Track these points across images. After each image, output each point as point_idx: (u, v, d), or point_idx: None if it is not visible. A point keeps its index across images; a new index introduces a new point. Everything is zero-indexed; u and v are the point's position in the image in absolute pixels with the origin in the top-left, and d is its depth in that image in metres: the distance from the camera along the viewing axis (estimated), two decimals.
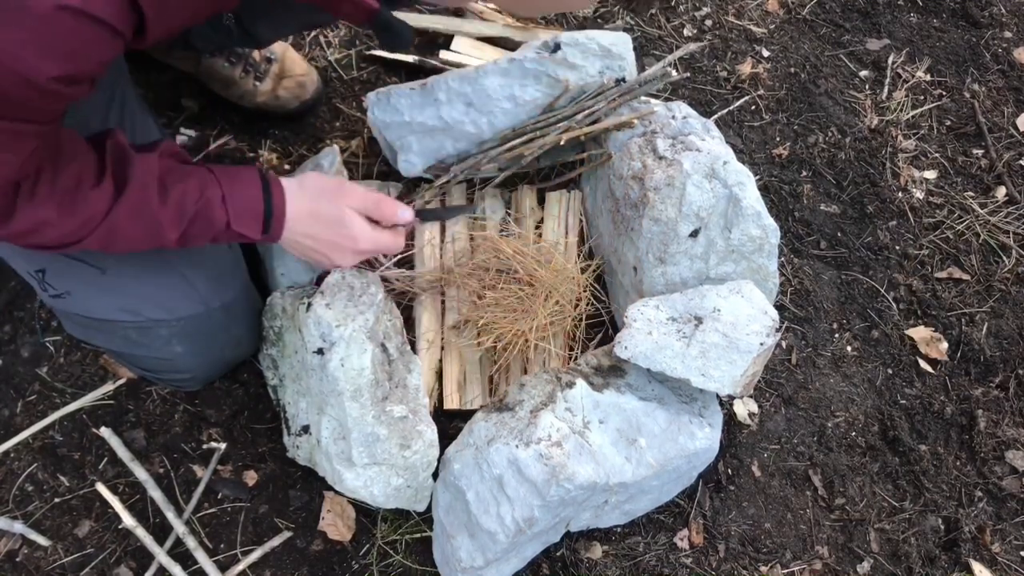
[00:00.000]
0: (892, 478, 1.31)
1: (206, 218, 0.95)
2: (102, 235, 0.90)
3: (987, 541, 1.26)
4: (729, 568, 1.21)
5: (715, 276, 1.20)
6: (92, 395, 1.25)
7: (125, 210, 0.90)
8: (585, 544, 1.19)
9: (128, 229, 0.91)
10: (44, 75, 0.68)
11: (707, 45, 1.76)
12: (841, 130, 1.67)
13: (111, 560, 1.15)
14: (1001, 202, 1.63)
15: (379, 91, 1.39)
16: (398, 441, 1.06)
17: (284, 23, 1.15)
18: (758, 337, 1.08)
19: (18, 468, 1.21)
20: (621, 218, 1.29)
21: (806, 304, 1.46)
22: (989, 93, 1.79)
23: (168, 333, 1.10)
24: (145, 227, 0.92)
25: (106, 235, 0.90)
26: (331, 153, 1.34)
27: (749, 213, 1.16)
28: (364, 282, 1.09)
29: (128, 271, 1.06)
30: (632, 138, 1.31)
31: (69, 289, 1.06)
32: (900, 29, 1.87)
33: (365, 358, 1.03)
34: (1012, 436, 1.36)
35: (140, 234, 0.93)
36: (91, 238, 0.90)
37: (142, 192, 0.90)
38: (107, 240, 0.91)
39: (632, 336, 1.09)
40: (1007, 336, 1.47)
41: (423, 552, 1.18)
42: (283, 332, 1.18)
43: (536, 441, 1.02)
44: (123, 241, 0.93)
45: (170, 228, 0.93)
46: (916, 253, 1.55)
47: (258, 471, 1.23)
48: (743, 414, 1.32)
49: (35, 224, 0.85)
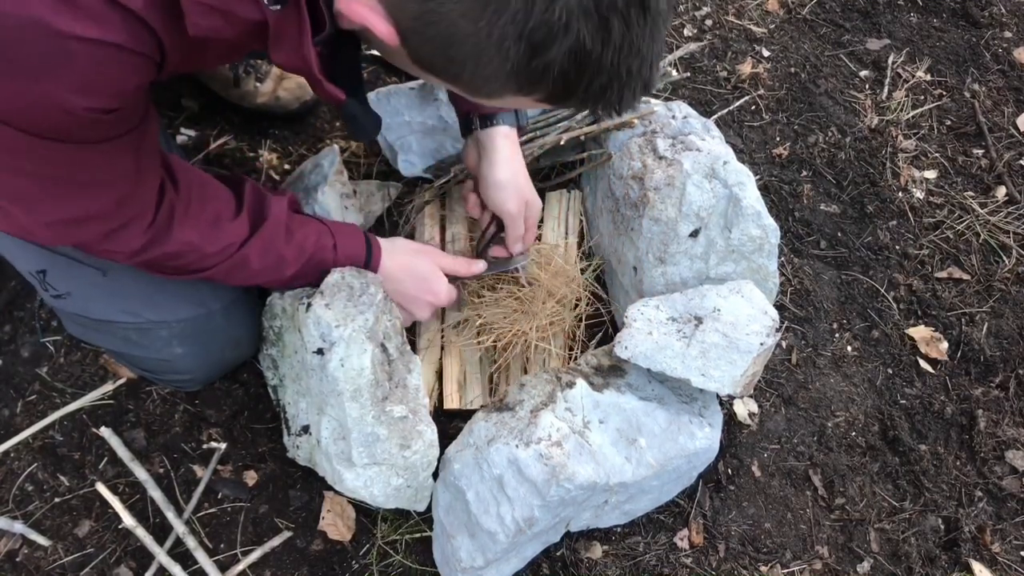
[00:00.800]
0: (892, 478, 1.31)
1: (319, 260, 1.06)
2: (231, 265, 0.99)
3: (987, 541, 1.26)
4: (729, 568, 1.21)
5: (715, 276, 1.20)
6: (92, 395, 1.25)
7: (258, 244, 1.00)
8: (585, 544, 1.19)
9: (255, 262, 1.01)
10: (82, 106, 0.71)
11: (707, 45, 1.76)
12: (841, 130, 1.67)
13: (111, 560, 1.15)
14: (1001, 202, 1.63)
15: (379, 91, 1.40)
16: (398, 441, 1.06)
17: None
18: (758, 337, 1.08)
19: (18, 468, 1.21)
20: (621, 218, 1.29)
21: (806, 304, 1.46)
22: (989, 93, 1.79)
23: (168, 334, 1.10)
24: (270, 262, 1.02)
25: (234, 266, 1.00)
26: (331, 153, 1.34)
27: (749, 213, 1.16)
28: (364, 282, 1.09)
29: (129, 273, 1.06)
30: (632, 138, 1.31)
31: (70, 290, 1.06)
32: (900, 29, 1.87)
33: (365, 358, 1.03)
34: (1012, 436, 1.36)
35: (263, 268, 1.02)
36: (220, 267, 0.99)
37: (274, 229, 1.02)
38: (232, 270, 1.00)
39: (632, 336, 1.09)
40: (1007, 336, 1.47)
41: (423, 552, 1.18)
42: (283, 332, 1.18)
43: (536, 441, 1.02)
44: (244, 273, 1.02)
45: (290, 265, 1.04)
46: (916, 253, 1.55)
47: (258, 471, 1.23)
48: (743, 414, 1.32)
49: (183, 246, 0.94)
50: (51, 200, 0.82)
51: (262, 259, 1.02)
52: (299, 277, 1.07)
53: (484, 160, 1.19)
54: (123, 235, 0.90)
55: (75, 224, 0.86)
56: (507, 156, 1.18)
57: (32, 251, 1.04)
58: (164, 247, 0.93)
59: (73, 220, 0.85)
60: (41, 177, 0.79)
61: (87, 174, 0.81)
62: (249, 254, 1.00)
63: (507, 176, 1.18)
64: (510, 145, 1.19)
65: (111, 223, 0.88)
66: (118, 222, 0.88)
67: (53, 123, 0.72)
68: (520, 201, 1.20)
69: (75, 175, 0.80)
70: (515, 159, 1.20)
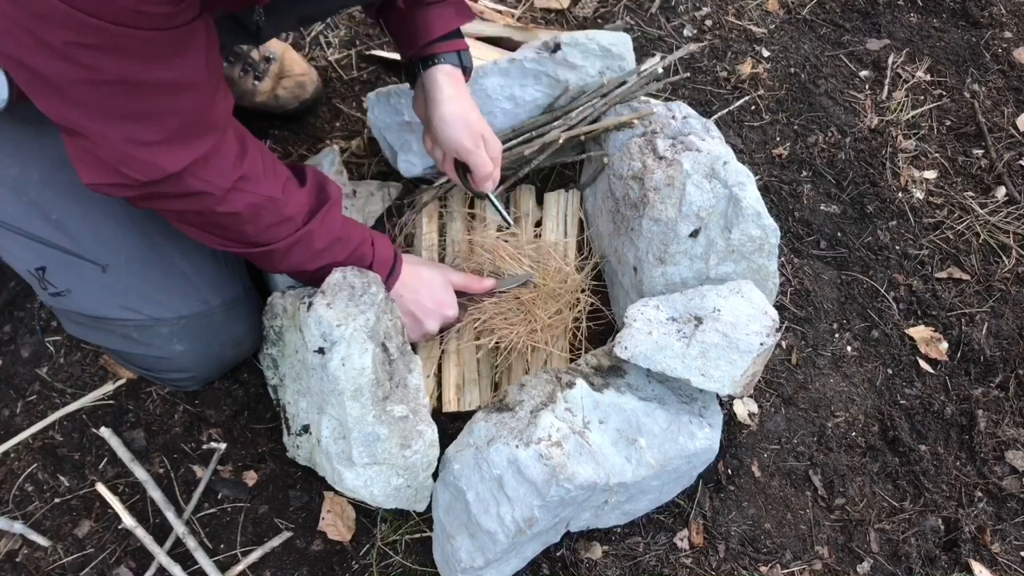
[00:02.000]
0: (892, 478, 1.31)
1: (361, 255, 1.10)
2: (293, 241, 1.01)
3: (987, 541, 1.26)
4: (729, 568, 1.21)
5: (715, 276, 1.20)
6: (92, 395, 1.25)
7: (324, 221, 1.03)
8: (585, 544, 1.19)
9: (319, 240, 1.03)
10: None
11: (707, 45, 1.76)
12: (841, 130, 1.67)
13: (111, 560, 1.15)
14: (1001, 202, 1.63)
15: (379, 91, 1.40)
16: (398, 441, 1.06)
17: (287, 19, 1.16)
18: (758, 337, 1.08)
19: (18, 468, 1.21)
20: (621, 218, 1.29)
21: (806, 304, 1.46)
22: (989, 93, 1.79)
23: (169, 332, 1.10)
24: (329, 242, 1.05)
25: (297, 242, 1.02)
26: (331, 153, 1.34)
27: (749, 213, 1.16)
28: (365, 282, 1.09)
29: (129, 269, 1.06)
30: (632, 138, 1.31)
31: (69, 287, 1.06)
32: (900, 29, 1.87)
33: (366, 358, 1.03)
34: (1012, 436, 1.36)
35: (324, 247, 1.05)
36: (285, 241, 1.01)
37: (337, 208, 1.06)
38: (294, 246, 1.02)
39: (632, 336, 1.09)
40: (1007, 336, 1.47)
41: (423, 552, 1.18)
42: (283, 331, 1.18)
43: (536, 441, 1.02)
44: (306, 252, 1.04)
45: (341, 250, 1.07)
46: (916, 253, 1.55)
47: (258, 471, 1.23)
48: (743, 414, 1.32)
49: (267, 199, 0.96)
50: (141, 118, 0.81)
51: (324, 237, 1.04)
52: (345, 263, 1.09)
53: (429, 101, 1.18)
54: (213, 166, 0.89)
55: (169, 142, 0.84)
56: (451, 93, 1.16)
57: (31, 248, 1.04)
58: (249, 196, 0.94)
59: (168, 135, 0.83)
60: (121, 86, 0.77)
61: (167, 70, 0.79)
62: (313, 229, 1.02)
63: (454, 110, 1.16)
64: (453, 83, 1.17)
65: (202, 139, 0.87)
66: (209, 140, 0.87)
67: None
68: (473, 135, 1.17)
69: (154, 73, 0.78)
70: (461, 96, 1.17)
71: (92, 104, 0.79)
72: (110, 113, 0.80)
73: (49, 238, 1.04)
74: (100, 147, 0.83)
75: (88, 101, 0.78)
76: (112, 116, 0.80)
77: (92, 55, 0.73)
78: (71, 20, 0.69)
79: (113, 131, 0.81)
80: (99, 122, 0.81)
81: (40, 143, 1.02)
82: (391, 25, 1.22)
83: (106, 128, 0.81)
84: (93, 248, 1.05)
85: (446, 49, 1.17)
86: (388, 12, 1.21)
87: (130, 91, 0.78)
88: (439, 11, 1.17)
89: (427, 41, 1.16)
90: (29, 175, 1.02)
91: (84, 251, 1.04)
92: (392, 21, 1.22)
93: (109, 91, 0.77)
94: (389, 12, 1.21)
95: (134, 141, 0.82)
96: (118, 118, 0.81)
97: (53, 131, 1.02)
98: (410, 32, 1.18)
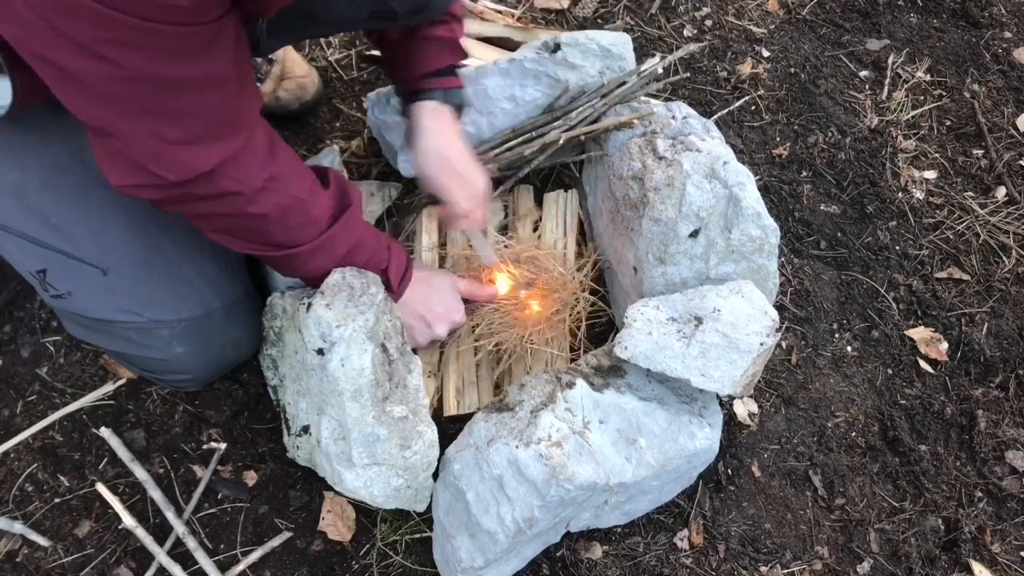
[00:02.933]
0: (892, 478, 1.31)
1: (378, 259, 1.09)
2: (315, 247, 1.01)
3: (987, 541, 1.26)
4: (729, 568, 1.21)
5: (715, 276, 1.20)
6: (92, 395, 1.25)
7: (346, 224, 1.03)
8: (585, 544, 1.19)
9: (339, 244, 1.04)
10: None
11: (707, 45, 1.76)
12: (841, 130, 1.67)
13: (111, 560, 1.15)
14: (1001, 202, 1.63)
15: (379, 91, 1.40)
16: (398, 441, 1.05)
17: (288, 36, 1.17)
18: (758, 337, 1.08)
19: (18, 468, 1.21)
20: (621, 218, 1.29)
21: (806, 304, 1.46)
22: (989, 93, 1.79)
23: (169, 334, 1.10)
24: (351, 246, 1.05)
25: (319, 247, 1.02)
26: (331, 153, 1.34)
27: (749, 213, 1.16)
28: (364, 282, 1.09)
29: (129, 272, 1.06)
30: (632, 138, 1.31)
31: (70, 289, 1.06)
32: (900, 29, 1.87)
33: (365, 358, 1.03)
34: (1012, 436, 1.36)
35: (346, 252, 1.05)
36: (308, 246, 1.01)
37: (358, 212, 1.06)
38: (316, 251, 1.02)
39: (632, 336, 1.09)
40: (1007, 336, 1.47)
41: (423, 552, 1.18)
42: (283, 332, 1.18)
43: (536, 441, 1.02)
44: (327, 257, 1.04)
45: (361, 254, 1.07)
46: (916, 253, 1.55)
47: (258, 471, 1.23)
48: (743, 414, 1.32)
49: (295, 200, 0.96)
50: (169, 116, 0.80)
51: (346, 242, 1.04)
52: (363, 265, 1.09)
53: (411, 134, 1.19)
54: (243, 165, 0.89)
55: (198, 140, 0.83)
56: (431, 127, 1.17)
57: (32, 251, 1.04)
58: (278, 196, 0.93)
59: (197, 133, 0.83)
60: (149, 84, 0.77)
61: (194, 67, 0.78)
62: (336, 233, 1.02)
63: (430, 145, 1.16)
64: (436, 118, 1.18)
65: (232, 137, 0.86)
66: (238, 138, 0.87)
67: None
68: (447, 172, 1.16)
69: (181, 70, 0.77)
70: (441, 132, 1.17)
71: (120, 101, 0.78)
72: (138, 110, 0.79)
73: (49, 241, 1.04)
74: (129, 146, 0.82)
75: (116, 98, 0.78)
76: (140, 113, 0.80)
77: (118, 51, 0.72)
78: (97, 15, 0.68)
79: (142, 129, 0.81)
80: (127, 120, 0.80)
81: (40, 148, 1.02)
82: (387, 55, 1.24)
83: (134, 126, 0.80)
84: (93, 251, 1.05)
85: (435, 86, 1.18)
86: (385, 43, 1.22)
87: (158, 88, 0.78)
88: (432, 47, 1.18)
89: (418, 75, 1.18)
90: (29, 180, 1.02)
91: (84, 254, 1.04)
92: (388, 52, 1.23)
93: (137, 88, 0.77)
94: (386, 43, 1.22)
95: (164, 139, 0.82)
96: (147, 115, 0.80)
97: (54, 137, 1.03)
98: (401, 64, 1.19)
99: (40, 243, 1.04)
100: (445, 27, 1.18)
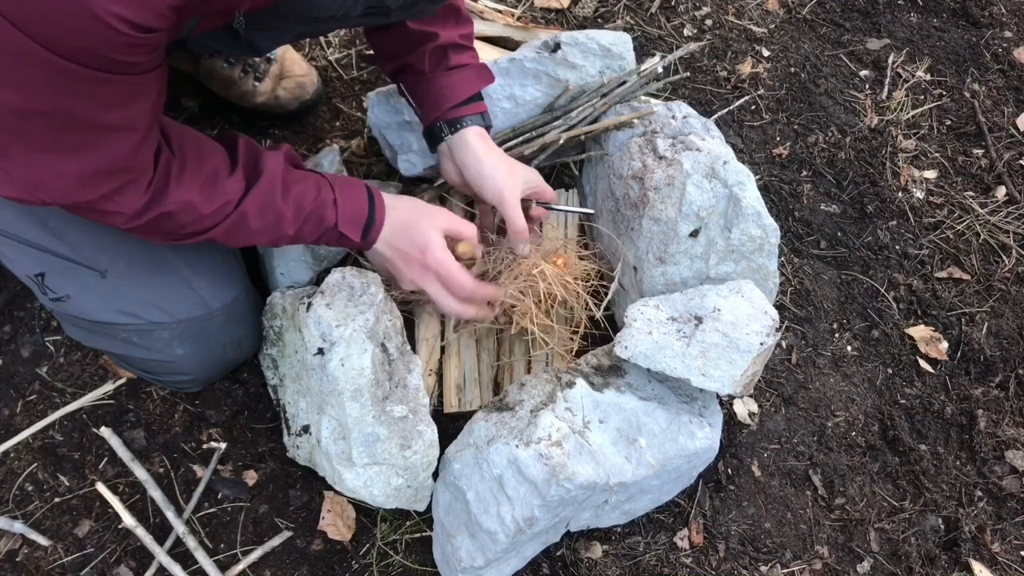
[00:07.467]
0: (892, 478, 1.31)
1: (319, 217, 1.03)
2: (231, 224, 0.97)
3: (987, 541, 1.26)
4: (729, 568, 1.21)
5: (715, 276, 1.20)
6: (92, 395, 1.25)
7: (255, 201, 0.97)
8: (585, 544, 1.19)
9: (254, 220, 0.98)
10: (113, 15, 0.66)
11: (707, 44, 1.76)
12: (841, 130, 1.67)
13: (111, 560, 1.15)
14: (1001, 202, 1.63)
15: (379, 91, 1.40)
16: (398, 441, 1.06)
17: (283, 34, 1.16)
18: (758, 337, 1.08)
19: (18, 468, 1.21)
20: (621, 218, 1.29)
21: (806, 304, 1.46)
22: (989, 93, 1.79)
23: (169, 335, 1.10)
24: (269, 219, 0.99)
25: (234, 224, 0.97)
26: (331, 153, 1.34)
27: (749, 213, 1.16)
28: (364, 282, 1.09)
29: (128, 274, 1.06)
30: (632, 138, 1.31)
31: (69, 292, 1.06)
32: (900, 29, 1.87)
33: (365, 358, 1.03)
34: (1012, 436, 1.36)
35: (263, 226, 1.00)
36: (219, 227, 0.96)
37: (270, 186, 0.99)
38: (233, 230, 0.98)
39: (632, 336, 1.09)
40: (1007, 336, 1.47)
41: (423, 552, 1.18)
42: (283, 332, 1.18)
43: (536, 441, 1.02)
44: (246, 233, 0.99)
45: (290, 223, 1.01)
46: (916, 253, 1.55)
47: (258, 471, 1.23)
48: (743, 414, 1.32)
49: (180, 206, 0.91)
50: (68, 151, 0.78)
51: (260, 217, 0.99)
52: (302, 236, 1.04)
53: (464, 163, 1.17)
54: (126, 193, 0.87)
55: (88, 178, 0.82)
56: (487, 148, 1.17)
57: (29, 254, 1.04)
58: (162, 207, 0.89)
59: (89, 173, 0.81)
60: (61, 120, 0.75)
61: (115, 113, 0.77)
62: (247, 211, 0.97)
63: (493, 161, 1.15)
64: (483, 142, 1.17)
65: (121, 177, 0.85)
66: (127, 177, 0.85)
67: (88, 41, 0.67)
68: (515, 186, 1.15)
69: (101, 115, 0.76)
70: (495, 150, 1.18)
71: (24, 133, 0.76)
72: (40, 145, 0.77)
73: (47, 245, 1.03)
74: (16, 170, 0.80)
75: (21, 129, 0.76)
76: (40, 148, 0.78)
77: (45, 92, 0.70)
78: (39, 59, 0.66)
79: (36, 160, 0.79)
80: (23, 150, 0.78)
81: None
82: (413, 88, 1.22)
83: (30, 156, 0.78)
84: (91, 254, 1.05)
85: (471, 112, 1.17)
86: (407, 75, 1.21)
87: (68, 126, 0.76)
88: (462, 74, 1.18)
89: (452, 104, 1.16)
90: None
91: (82, 257, 1.04)
92: (413, 84, 1.21)
93: (47, 123, 0.75)
94: (408, 75, 1.20)
95: (54, 172, 0.80)
96: (46, 150, 0.78)
97: None
98: (434, 96, 1.18)
99: (38, 247, 1.03)
100: (469, 54, 1.19)
